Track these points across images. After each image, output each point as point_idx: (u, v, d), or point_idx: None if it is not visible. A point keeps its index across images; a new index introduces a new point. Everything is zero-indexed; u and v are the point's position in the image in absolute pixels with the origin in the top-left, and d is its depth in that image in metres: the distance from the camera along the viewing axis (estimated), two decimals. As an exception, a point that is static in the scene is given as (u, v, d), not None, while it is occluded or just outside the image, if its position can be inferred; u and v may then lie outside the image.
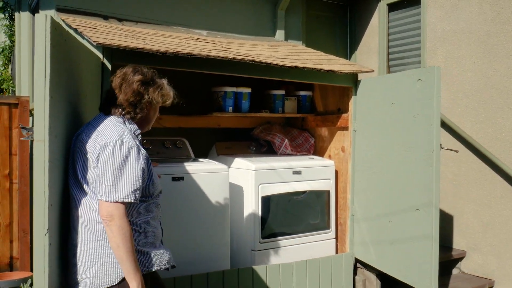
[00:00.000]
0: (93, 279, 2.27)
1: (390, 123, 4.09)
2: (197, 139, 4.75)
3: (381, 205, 4.20)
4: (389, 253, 4.12)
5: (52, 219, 2.18)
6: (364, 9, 6.14)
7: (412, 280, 3.90)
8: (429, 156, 3.70)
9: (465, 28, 4.98)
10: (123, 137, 2.27)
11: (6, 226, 4.29)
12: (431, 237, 3.72)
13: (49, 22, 2.12)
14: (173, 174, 3.70)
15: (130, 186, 2.23)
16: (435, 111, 3.68)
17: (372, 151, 4.29)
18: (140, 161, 2.29)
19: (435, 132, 3.69)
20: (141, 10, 4.64)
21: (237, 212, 4.20)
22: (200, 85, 4.72)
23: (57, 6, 4.18)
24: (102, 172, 2.23)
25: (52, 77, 2.15)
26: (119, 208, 2.20)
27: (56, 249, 2.26)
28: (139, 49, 3.22)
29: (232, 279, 3.87)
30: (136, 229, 2.33)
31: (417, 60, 5.54)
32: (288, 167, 4.34)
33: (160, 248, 2.47)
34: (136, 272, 2.23)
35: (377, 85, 4.29)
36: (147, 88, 2.44)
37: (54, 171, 2.21)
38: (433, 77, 3.68)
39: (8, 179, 4.29)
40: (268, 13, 5.49)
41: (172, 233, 3.63)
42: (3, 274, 4.16)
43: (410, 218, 3.90)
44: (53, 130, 2.17)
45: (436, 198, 3.70)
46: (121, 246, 2.18)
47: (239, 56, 3.76)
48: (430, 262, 3.73)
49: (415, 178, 3.85)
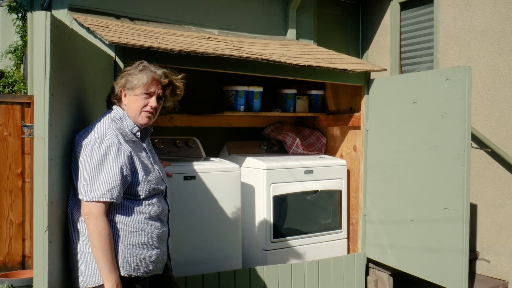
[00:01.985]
0: (82, 277, 2.27)
1: (411, 122, 4.04)
2: (208, 138, 4.75)
3: (400, 205, 4.15)
4: (412, 253, 4.05)
5: (52, 217, 2.17)
6: (376, 8, 6.10)
7: (440, 279, 3.85)
8: (460, 156, 3.66)
9: (478, 26, 4.93)
10: (104, 135, 2.26)
11: (18, 224, 4.32)
12: (462, 235, 3.67)
13: (49, 19, 2.11)
14: (185, 173, 3.69)
15: (106, 185, 2.20)
16: (466, 111, 3.64)
17: (387, 150, 4.25)
18: (120, 160, 2.25)
19: (466, 132, 3.65)
20: (152, 9, 4.65)
21: (249, 211, 4.19)
22: (211, 84, 4.72)
23: (69, 6, 4.20)
24: (81, 171, 2.24)
25: (53, 74, 2.14)
26: (96, 207, 2.19)
27: (58, 247, 2.26)
28: (151, 47, 3.21)
29: (244, 278, 3.86)
30: (125, 228, 2.29)
31: (429, 59, 5.50)
32: (300, 166, 4.32)
33: (155, 250, 2.39)
34: (111, 272, 2.18)
35: (394, 84, 4.24)
36: (122, 75, 2.44)
37: (54, 168, 2.20)
38: (465, 77, 3.64)
39: (20, 178, 4.32)
40: (280, 12, 5.47)
41: (183, 232, 3.63)
42: (15, 273, 4.19)
43: (437, 217, 3.84)
44: (54, 128, 2.17)
45: (467, 197, 3.66)
46: (96, 244, 2.17)
47: (251, 55, 3.75)
48: (461, 260, 3.68)
49: (442, 178, 3.80)
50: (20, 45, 6.90)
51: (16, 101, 4.32)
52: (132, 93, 2.41)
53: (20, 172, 4.31)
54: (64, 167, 2.30)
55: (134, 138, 2.43)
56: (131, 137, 2.39)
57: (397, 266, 4.21)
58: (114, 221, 2.28)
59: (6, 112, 4.26)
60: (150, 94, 2.41)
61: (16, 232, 4.32)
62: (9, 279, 3.99)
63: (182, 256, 3.64)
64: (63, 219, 2.32)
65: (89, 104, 2.66)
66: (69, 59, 2.39)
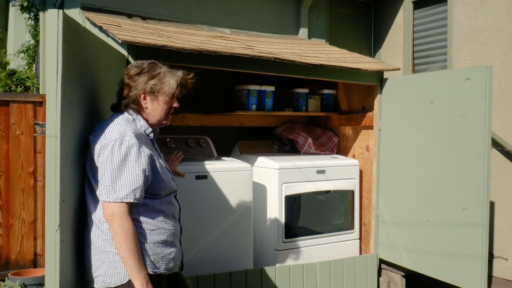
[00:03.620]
0: (104, 277, 2.27)
1: (427, 122, 3.99)
2: (220, 138, 4.73)
3: (415, 205, 4.10)
4: (427, 254, 4.00)
5: (64, 216, 2.17)
6: (388, 7, 6.06)
7: (457, 280, 3.80)
8: (481, 156, 3.62)
9: (493, 25, 4.87)
10: (123, 136, 2.25)
11: (30, 223, 4.33)
12: (482, 235, 3.62)
13: (61, 17, 2.10)
14: (197, 173, 3.68)
15: (129, 186, 2.20)
16: (487, 111, 3.59)
17: (401, 150, 4.21)
18: (141, 160, 2.25)
19: (486, 132, 3.60)
20: (164, 8, 4.65)
21: (260, 211, 4.17)
22: (222, 84, 4.71)
23: (82, 5, 4.21)
24: (102, 172, 2.22)
25: (65, 73, 2.13)
26: (120, 207, 2.18)
27: (70, 246, 2.25)
28: (163, 46, 3.20)
29: (255, 278, 3.84)
30: (147, 227, 2.31)
31: (443, 59, 5.44)
32: (312, 166, 4.30)
33: (173, 248, 2.42)
34: (139, 271, 2.19)
35: (409, 83, 4.19)
36: (136, 79, 2.39)
37: (67, 167, 2.19)
38: (486, 76, 3.59)
39: (32, 177, 4.33)
40: (291, 11, 5.44)
41: (195, 231, 3.62)
42: (27, 271, 4.20)
43: (455, 218, 3.79)
44: (66, 126, 2.16)
45: (487, 197, 3.61)
46: (123, 245, 2.16)
47: (263, 54, 3.73)
48: (480, 261, 3.63)
49: (461, 178, 3.75)
50: (32, 44, 6.93)
51: (28, 100, 4.33)
52: (159, 96, 2.41)
53: (32, 170, 4.33)
54: (76, 166, 2.30)
55: (147, 139, 2.43)
56: (144, 138, 2.39)
57: (411, 267, 4.16)
58: (135, 220, 2.28)
59: (19, 111, 4.27)
60: (173, 96, 2.46)
61: (28, 231, 4.33)
62: (21, 277, 4.01)
63: (193, 256, 3.63)
64: (74, 218, 2.31)
65: (101, 102, 2.65)
66: (81, 58, 2.38)
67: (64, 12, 2.13)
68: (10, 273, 4.05)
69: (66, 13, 2.15)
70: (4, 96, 4.38)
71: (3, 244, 4.25)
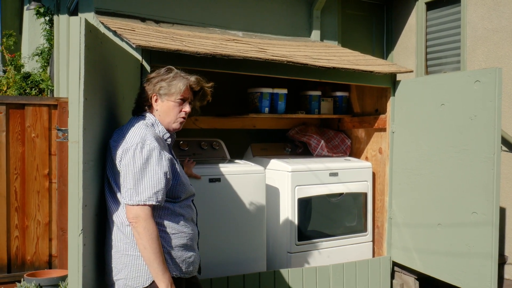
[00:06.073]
0: (126, 280, 2.28)
1: (438, 124, 3.98)
2: (232, 140, 4.74)
3: (427, 208, 4.09)
4: (438, 257, 3.99)
5: (86, 220, 2.19)
6: (401, 8, 6.03)
7: (468, 284, 3.78)
8: (490, 159, 3.60)
9: (507, 26, 4.84)
10: (144, 140, 2.27)
11: (45, 224, 4.38)
12: (491, 239, 3.60)
13: (84, 24, 2.13)
14: (210, 176, 3.70)
15: (152, 189, 2.22)
16: (496, 113, 3.56)
17: (414, 153, 4.19)
18: (162, 163, 2.27)
19: (496, 135, 3.58)
20: (177, 11, 4.67)
21: (273, 214, 4.18)
22: (235, 87, 4.72)
23: (96, 9, 4.24)
24: (124, 176, 2.25)
25: (87, 79, 2.16)
26: (143, 210, 2.20)
27: (91, 249, 2.28)
28: (177, 50, 3.22)
29: (268, 281, 3.84)
30: (168, 231, 2.33)
31: (456, 60, 5.41)
32: (325, 168, 4.29)
33: (192, 252, 2.45)
34: (164, 273, 2.21)
35: (421, 86, 4.18)
36: (151, 81, 2.46)
37: (89, 172, 2.22)
38: (494, 79, 3.57)
39: (47, 179, 4.38)
40: (304, 13, 5.44)
41: (209, 234, 3.63)
42: (42, 272, 4.24)
43: (465, 221, 3.77)
44: (87, 132, 2.19)
45: (496, 201, 3.59)
46: (148, 247, 2.18)
47: (276, 57, 3.74)
48: (490, 265, 3.61)
49: (471, 181, 3.73)
50: (46, 47, 7.00)
51: (43, 103, 4.37)
52: (167, 99, 2.44)
53: (47, 173, 4.37)
54: (96, 171, 2.32)
55: (164, 144, 2.45)
56: (162, 143, 2.42)
57: (423, 270, 4.14)
58: (158, 224, 2.30)
59: (34, 114, 4.32)
60: (184, 100, 2.46)
61: (43, 232, 4.37)
62: (37, 278, 4.04)
63: (207, 258, 3.63)
64: (96, 222, 2.34)
65: (119, 108, 2.68)
66: (101, 64, 2.41)
67: (86, 20, 2.16)
68: (26, 274, 4.10)
69: (87, 20, 2.18)
70: (20, 99, 4.43)
71: (19, 245, 4.30)
